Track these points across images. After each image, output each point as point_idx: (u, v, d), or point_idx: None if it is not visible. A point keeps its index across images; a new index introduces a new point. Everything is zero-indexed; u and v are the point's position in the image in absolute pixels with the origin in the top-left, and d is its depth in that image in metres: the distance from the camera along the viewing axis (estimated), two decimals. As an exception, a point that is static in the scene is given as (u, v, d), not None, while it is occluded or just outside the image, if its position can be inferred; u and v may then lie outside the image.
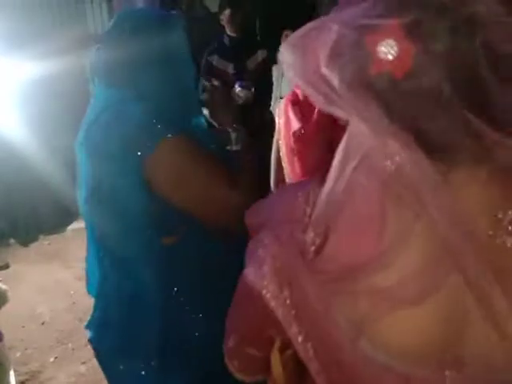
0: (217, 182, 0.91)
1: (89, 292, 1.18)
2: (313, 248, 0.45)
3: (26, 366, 2.18)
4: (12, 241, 3.18)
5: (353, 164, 0.42)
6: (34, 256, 3.04)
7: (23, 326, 2.39)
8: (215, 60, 2.53)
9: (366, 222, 0.43)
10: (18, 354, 2.23)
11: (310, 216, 0.48)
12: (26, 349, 2.27)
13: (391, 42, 0.37)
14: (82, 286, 2.67)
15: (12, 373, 1.75)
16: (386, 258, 0.41)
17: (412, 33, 0.37)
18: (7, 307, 2.10)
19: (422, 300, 0.41)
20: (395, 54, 0.37)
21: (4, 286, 1.76)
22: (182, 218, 0.92)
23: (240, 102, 2.19)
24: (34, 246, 3.18)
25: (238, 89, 2.20)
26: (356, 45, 0.39)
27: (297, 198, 0.52)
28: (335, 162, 0.44)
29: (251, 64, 2.55)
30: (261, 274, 0.47)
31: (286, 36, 3.96)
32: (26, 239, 3.13)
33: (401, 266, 0.41)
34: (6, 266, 2.88)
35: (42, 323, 2.47)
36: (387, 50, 0.37)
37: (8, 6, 3.71)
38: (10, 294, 1.77)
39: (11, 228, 3.14)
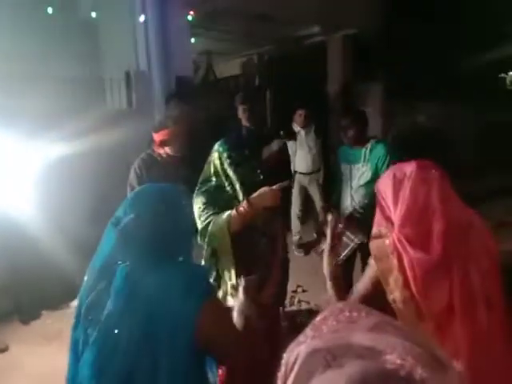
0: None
1: None
2: None
3: None
4: (16, 317, 3.06)
5: None
6: (34, 337, 2.90)
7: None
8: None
9: None
10: None
11: None
12: None
13: None
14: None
15: None
16: None
17: None
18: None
19: None
20: None
21: None
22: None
23: None
24: (35, 324, 3.05)
25: None
26: None
27: None
28: None
29: (266, 152, 2.66)
30: None
31: (300, 115, 4.16)
32: (29, 316, 3.02)
33: None
34: (5, 349, 2.74)
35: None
36: None
37: (30, 85, 3.92)
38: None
39: (15, 304, 3.04)
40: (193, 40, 5.08)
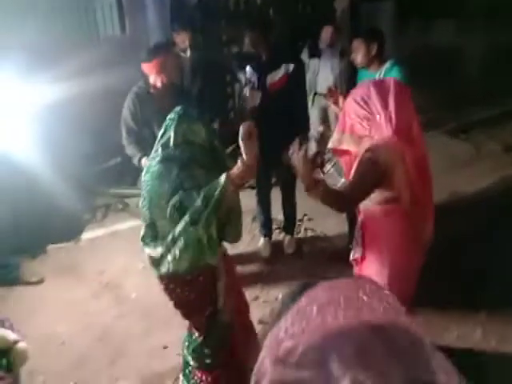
0: None
1: None
2: None
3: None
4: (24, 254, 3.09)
5: None
6: (49, 271, 2.97)
7: (43, 348, 2.31)
8: (248, 72, 2.71)
9: None
10: (41, 378, 2.18)
11: None
12: (46, 372, 2.21)
13: None
14: (97, 304, 2.63)
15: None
16: None
17: None
18: (28, 329, 2.03)
19: None
20: None
21: (23, 345, 1.66)
22: None
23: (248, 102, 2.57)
24: (49, 259, 3.11)
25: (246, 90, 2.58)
26: None
27: None
28: None
29: (275, 76, 2.63)
30: None
31: (326, 32, 3.67)
32: (35, 251, 3.09)
33: None
34: (41, 281, 2.87)
35: (62, 343, 2.41)
36: None
37: (20, 17, 3.63)
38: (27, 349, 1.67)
39: (19, 241, 3.06)
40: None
